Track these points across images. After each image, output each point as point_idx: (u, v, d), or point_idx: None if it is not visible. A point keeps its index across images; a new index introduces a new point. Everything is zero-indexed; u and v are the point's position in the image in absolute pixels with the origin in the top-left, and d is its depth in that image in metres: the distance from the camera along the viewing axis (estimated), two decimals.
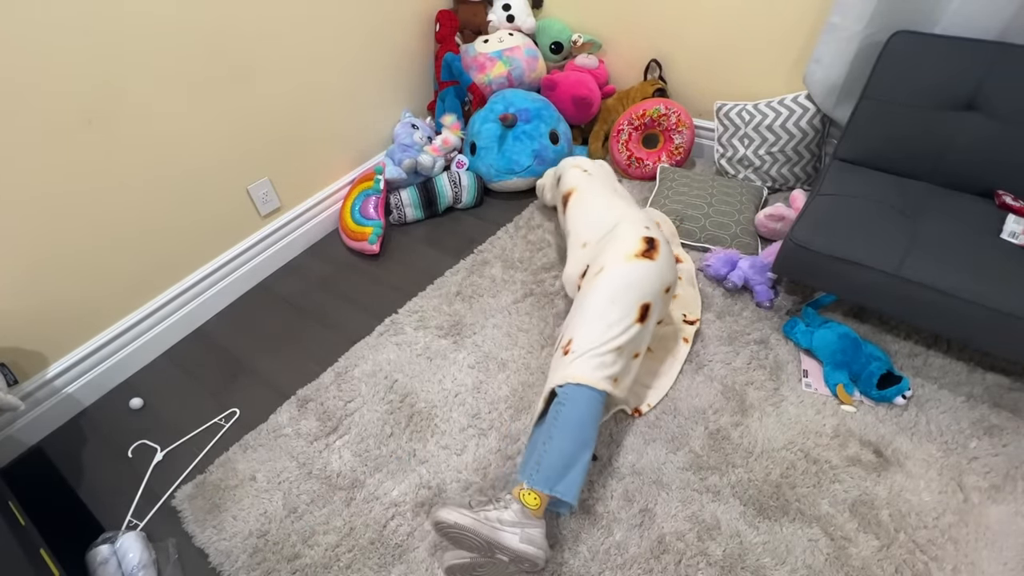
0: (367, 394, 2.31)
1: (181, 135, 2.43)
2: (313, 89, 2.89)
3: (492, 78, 3.36)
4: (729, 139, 3.06)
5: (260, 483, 2.07)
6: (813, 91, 2.72)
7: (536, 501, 1.67)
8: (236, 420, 2.31)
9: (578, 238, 2.25)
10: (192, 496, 2.06)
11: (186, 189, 2.53)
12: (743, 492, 1.91)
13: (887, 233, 2.11)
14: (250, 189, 2.78)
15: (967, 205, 2.21)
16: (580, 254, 2.19)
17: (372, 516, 1.93)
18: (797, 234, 2.19)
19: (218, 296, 2.80)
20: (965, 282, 1.93)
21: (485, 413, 2.20)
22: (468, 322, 2.56)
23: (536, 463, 1.70)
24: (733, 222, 2.77)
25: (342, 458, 2.11)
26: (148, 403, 2.42)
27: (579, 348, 1.83)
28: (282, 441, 2.19)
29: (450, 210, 3.30)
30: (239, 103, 2.59)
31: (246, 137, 2.68)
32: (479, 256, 2.91)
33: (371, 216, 3.03)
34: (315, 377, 2.41)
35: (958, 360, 2.23)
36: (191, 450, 2.22)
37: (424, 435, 2.15)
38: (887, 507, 1.84)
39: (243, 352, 2.59)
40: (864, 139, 2.43)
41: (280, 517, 1.97)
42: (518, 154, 3.13)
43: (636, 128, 3.23)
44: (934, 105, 2.26)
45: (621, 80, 3.56)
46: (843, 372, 2.15)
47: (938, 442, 2.00)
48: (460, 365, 2.38)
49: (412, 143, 3.21)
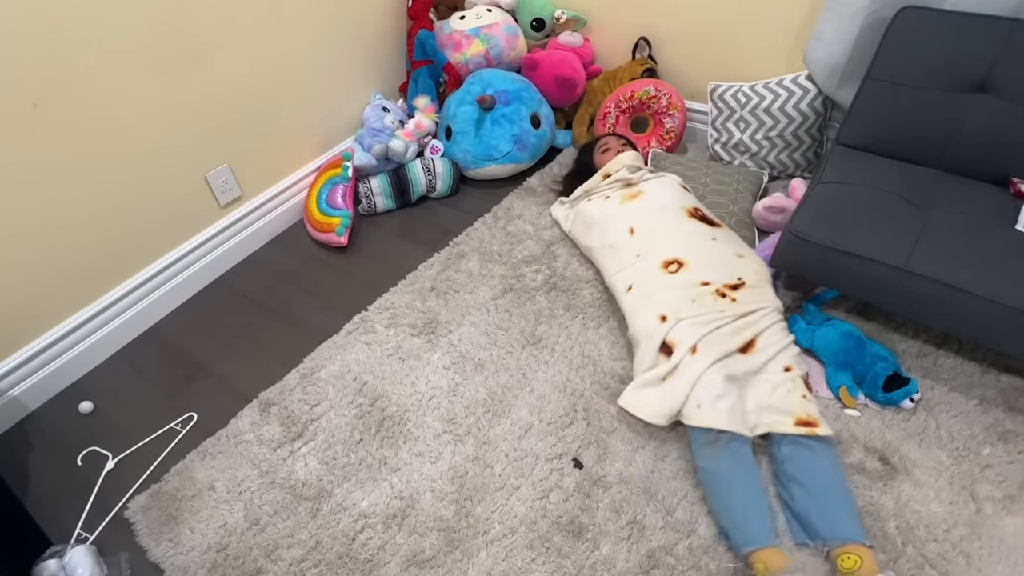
0: (334, 397, 2.30)
1: (133, 119, 2.42)
2: (275, 69, 2.88)
3: (469, 57, 3.34)
4: (724, 123, 3.05)
5: (219, 493, 2.06)
6: (814, 71, 2.70)
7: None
8: (193, 425, 2.30)
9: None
10: (146, 507, 2.05)
11: (139, 177, 2.52)
12: None
13: (893, 224, 2.09)
14: (208, 177, 2.77)
15: (979, 193, 2.19)
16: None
17: (340, 528, 1.93)
18: (797, 225, 2.17)
19: (174, 292, 2.79)
20: (978, 276, 1.90)
21: (461, 418, 2.19)
22: (443, 320, 2.56)
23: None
24: (728, 213, 2.76)
25: (308, 466, 2.10)
26: (98, 407, 2.41)
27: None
28: (243, 448, 2.18)
29: (424, 199, 3.29)
30: (196, 85, 2.58)
31: (203, 121, 2.66)
32: (455, 249, 2.90)
33: (338, 206, 3.01)
34: (278, 379, 2.40)
35: (970, 360, 2.21)
36: (145, 457, 2.21)
37: (396, 441, 2.15)
38: (894, 518, 1.82)
39: (201, 352, 2.58)
40: (869, 123, 2.41)
41: (241, 529, 1.96)
42: (497, 139, 3.13)
43: (624, 111, 3.21)
44: (944, 86, 2.24)
45: (607, 59, 3.53)
46: (846, 373, 2.14)
47: (948, 449, 1.98)
48: (434, 366, 2.38)
49: (383, 127, 3.18)
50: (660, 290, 2.19)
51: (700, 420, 1.86)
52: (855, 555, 1.62)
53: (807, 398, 1.91)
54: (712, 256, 2.25)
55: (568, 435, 2.11)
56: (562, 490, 1.96)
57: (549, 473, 2.01)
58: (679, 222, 2.41)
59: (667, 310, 2.11)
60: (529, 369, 2.33)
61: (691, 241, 2.32)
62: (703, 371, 1.92)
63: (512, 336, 2.46)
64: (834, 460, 1.83)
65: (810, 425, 1.83)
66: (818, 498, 1.74)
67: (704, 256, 2.25)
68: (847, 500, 1.76)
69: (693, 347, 1.98)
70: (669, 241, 2.34)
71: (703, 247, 2.29)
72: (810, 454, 1.82)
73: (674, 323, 2.06)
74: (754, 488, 1.80)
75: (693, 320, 2.05)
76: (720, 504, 1.81)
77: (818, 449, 1.82)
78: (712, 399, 1.87)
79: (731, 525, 1.76)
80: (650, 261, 2.30)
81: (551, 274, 2.70)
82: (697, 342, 1.99)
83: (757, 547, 1.68)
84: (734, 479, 1.81)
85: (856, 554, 1.62)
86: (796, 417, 1.85)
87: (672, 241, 2.33)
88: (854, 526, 1.70)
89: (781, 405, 1.89)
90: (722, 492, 1.81)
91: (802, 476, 1.79)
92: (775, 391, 1.92)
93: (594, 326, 2.46)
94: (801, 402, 1.89)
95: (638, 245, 2.40)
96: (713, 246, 2.29)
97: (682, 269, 2.22)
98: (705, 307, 2.08)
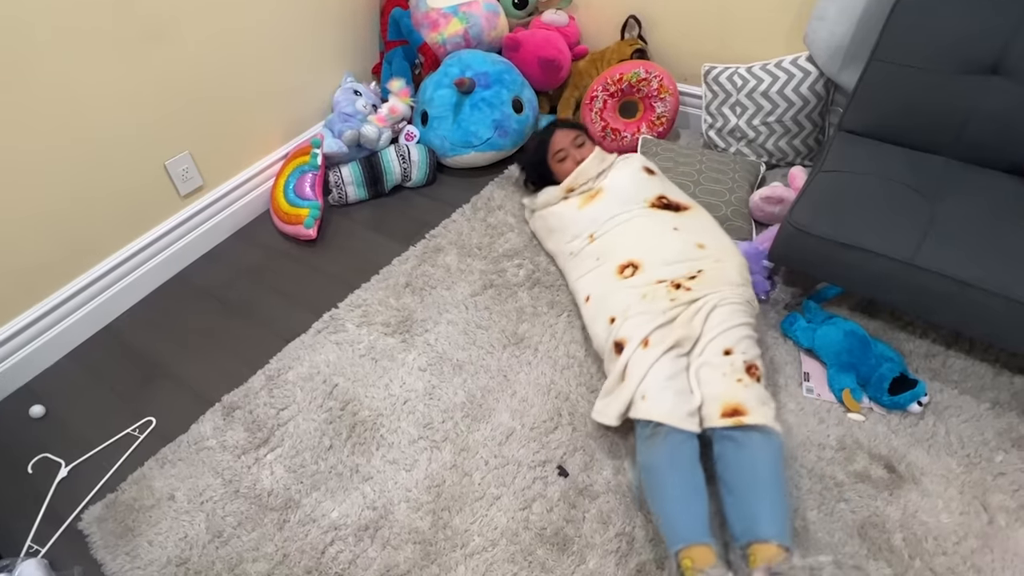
0: (303, 401, 2.29)
1: (86, 102, 2.39)
2: (240, 49, 2.86)
3: (446, 37, 3.32)
4: (719, 107, 3.04)
5: (180, 503, 2.04)
6: (815, 52, 2.71)
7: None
8: (152, 430, 2.28)
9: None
10: (101, 518, 2.03)
11: (92, 165, 2.49)
12: None
13: (900, 215, 2.09)
14: (167, 165, 2.75)
15: (992, 183, 2.19)
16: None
17: (308, 541, 1.92)
18: (797, 216, 2.17)
19: (131, 289, 2.76)
20: (990, 271, 1.90)
21: (439, 423, 2.18)
22: (419, 318, 2.55)
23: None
24: (724, 203, 2.76)
25: (274, 474, 2.09)
26: (51, 411, 2.39)
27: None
28: (205, 455, 2.17)
29: (398, 189, 3.29)
30: (155, 65, 2.56)
31: (163, 105, 2.64)
32: (431, 242, 2.90)
33: (307, 196, 3.00)
34: (243, 381, 2.39)
35: (982, 361, 2.22)
36: (100, 465, 2.19)
37: (368, 448, 2.14)
38: (900, 530, 1.82)
39: (160, 353, 2.56)
40: (873, 107, 2.40)
41: (203, 542, 1.94)
42: (476, 125, 3.12)
43: (612, 95, 3.20)
44: (954, 68, 2.23)
45: (595, 39, 3.54)
46: (850, 375, 2.14)
47: (959, 455, 1.98)
48: (410, 367, 2.37)
49: (354, 112, 3.17)
50: (612, 294, 2.20)
51: (643, 412, 1.86)
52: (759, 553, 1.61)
53: (742, 382, 1.85)
54: (670, 251, 2.24)
55: (552, 441, 2.10)
56: (546, 500, 1.95)
57: (532, 482, 2.00)
58: (639, 218, 2.41)
59: (616, 311, 2.13)
60: (511, 370, 2.32)
61: (648, 238, 2.32)
62: (654, 362, 1.92)
63: (492, 335, 2.45)
64: (767, 455, 1.75)
65: (737, 414, 1.77)
66: (739, 497, 1.72)
67: (661, 253, 2.24)
68: (770, 497, 1.70)
69: (645, 340, 1.98)
70: (625, 242, 2.34)
71: (661, 242, 2.28)
72: (735, 449, 1.77)
73: (623, 321, 2.07)
74: (690, 484, 1.76)
75: (643, 315, 2.05)
76: (655, 500, 1.78)
77: (746, 443, 1.76)
78: (657, 390, 1.87)
79: (664, 521, 1.73)
80: (607, 267, 2.31)
81: (534, 269, 2.69)
82: (648, 335, 1.98)
83: (686, 544, 1.65)
84: (669, 474, 1.78)
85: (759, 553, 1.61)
86: (723, 406, 1.81)
87: (628, 242, 2.34)
88: (769, 525, 1.65)
89: (713, 394, 1.85)
90: (657, 488, 1.78)
91: (727, 475, 1.76)
92: (713, 378, 1.89)
93: (580, 325, 2.46)
94: (733, 387, 1.84)
95: (597, 249, 2.41)
96: (673, 239, 2.28)
97: (637, 272, 2.22)
98: (656, 300, 2.09)
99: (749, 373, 1.88)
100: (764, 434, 1.76)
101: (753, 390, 1.83)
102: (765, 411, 1.79)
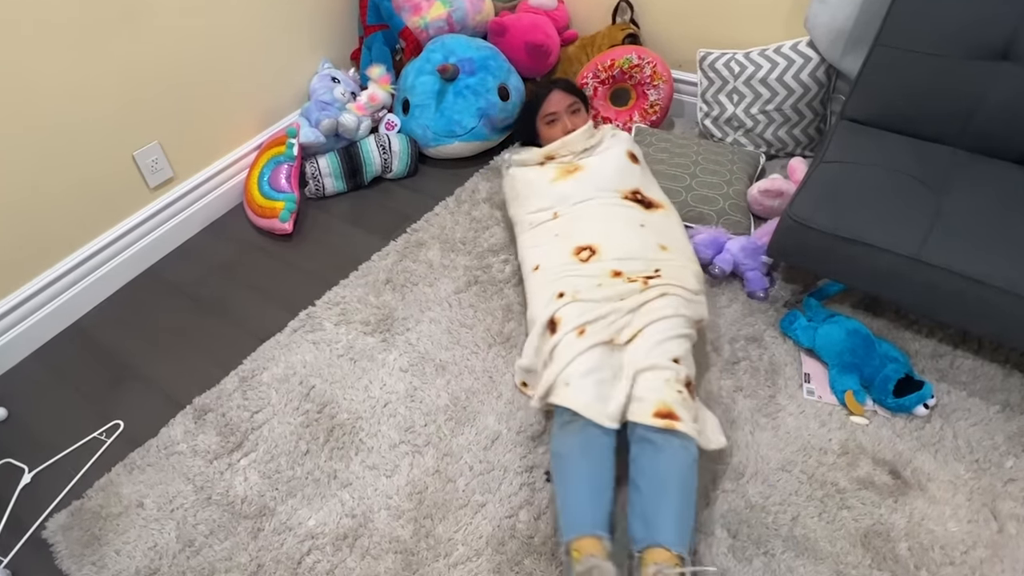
0: (278, 403, 2.28)
1: (50, 89, 2.37)
2: (211, 33, 2.85)
3: (429, 21, 3.31)
4: (715, 95, 3.04)
5: (149, 511, 2.03)
6: (816, 37, 2.71)
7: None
8: (120, 434, 2.27)
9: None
10: (67, 526, 2.02)
11: (57, 155, 2.47)
12: (732, 521, 1.88)
13: (905, 208, 2.08)
14: (136, 156, 2.73)
15: (1001, 173, 2.19)
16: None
17: (284, 551, 1.90)
18: (797, 209, 2.16)
19: (98, 285, 2.75)
20: (999, 267, 1.89)
21: (421, 426, 2.17)
22: (400, 316, 2.54)
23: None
24: (721, 195, 2.76)
25: (248, 481, 2.08)
26: (13, 414, 2.38)
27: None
28: (175, 460, 2.15)
29: (378, 181, 3.28)
30: (122, 49, 2.54)
31: (131, 92, 2.63)
32: (413, 236, 2.90)
33: (283, 188, 2.99)
34: (215, 383, 2.37)
35: (991, 362, 2.21)
36: (65, 471, 2.18)
37: (347, 453, 2.12)
38: (906, 539, 1.81)
39: (129, 352, 2.55)
40: (877, 95, 2.40)
41: (173, 552, 1.93)
42: (460, 113, 3.11)
43: (603, 82, 3.20)
44: (962, 53, 2.23)
45: (584, 24, 3.54)
46: (852, 376, 2.13)
47: (967, 461, 1.97)
48: (390, 368, 2.36)
49: (332, 100, 3.17)
50: (567, 275, 2.20)
51: (562, 399, 1.87)
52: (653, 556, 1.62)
53: (683, 394, 1.85)
54: (631, 246, 2.24)
55: (540, 445, 2.10)
56: (533, 507, 1.94)
57: (519, 488, 1.99)
58: (608, 206, 2.41)
59: (567, 288, 2.13)
60: (496, 371, 2.31)
61: (613, 228, 2.32)
62: (583, 351, 1.93)
63: (477, 334, 2.45)
64: (681, 463, 1.77)
65: (671, 419, 1.78)
66: (646, 500, 1.74)
67: (622, 245, 2.24)
68: (677, 506, 1.72)
69: (581, 328, 1.99)
70: (589, 227, 2.34)
71: (625, 236, 2.28)
72: (654, 452, 1.78)
73: (569, 300, 2.08)
74: (597, 479, 1.79)
75: (590, 303, 2.06)
76: (559, 487, 1.81)
77: (664, 448, 1.78)
78: (580, 380, 1.88)
79: (563, 510, 1.76)
80: (565, 244, 2.31)
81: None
82: (586, 324, 2.00)
83: (578, 535, 1.67)
84: (579, 465, 1.80)
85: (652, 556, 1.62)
86: (659, 406, 1.81)
87: (592, 227, 2.33)
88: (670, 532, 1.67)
89: (651, 395, 1.85)
90: (564, 476, 1.81)
91: (638, 478, 1.77)
92: (655, 382, 1.88)
93: None
94: (674, 395, 1.84)
95: (559, 226, 2.40)
96: (637, 235, 2.28)
97: (594, 257, 2.22)
98: (609, 289, 2.09)
99: (688, 388, 1.89)
100: (683, 444, 1.78)
101: (689, 408, 1.85)
102: (695, 427, 1.81)
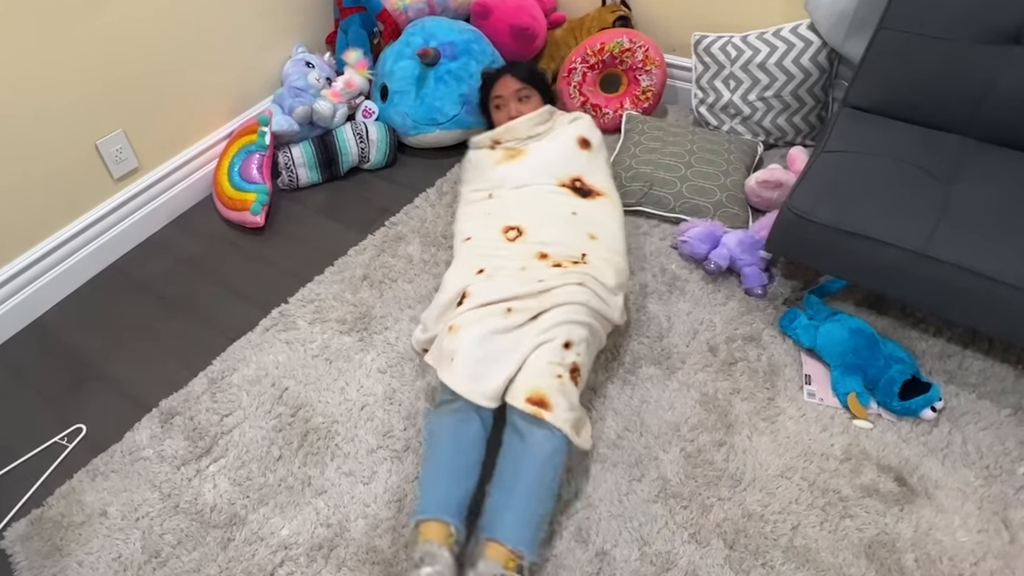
0: (249, 406, 2.27)
1: (7, 75, 2.36)
2: (179, 17, 2.83)
3: (408, 3, 3.30)
4: (710, 81, 3.05)
5: (113, 519, 2.01)
6: (817, 19, 2.71)
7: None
8: (83, 439, 2.26)
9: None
10: (26, 536, 2.00)
11: (15, 144, 2.46)
12: (729, 531, 1.87)
13: (911, 200, 2.08)
14: (99, 144, 2.72)
15: (1012, 163, 2.17)
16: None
17: (256, 562, 1.89)
18: (796, 202, 2.15)
19: (59, 281, 2.74)
20: (1011, 262, 1.88)
21: (400, 430, 2.17)
22: (378, 314, 2.54)
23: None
24: (717, 187, 2.76)
25: (217, 488, 2.07)
26: None
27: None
28: (141, 466, 2.14)
29: (355, 171, 3.28)
30: (84, 32, 2.52)
31: (93, 77, 2.61)
32: (392, 230, 2.90)
33: (254, 179, 2.97)
34: (183, 384, 2.37)
35: (1002, 363, 2.21)
36: (25, 477, 2.16)
37: (322, 458, 2.11)
38: (912, 550, 1.81)
39: (91, 352, 2.54)
40: (882, 81, 2.39)
41: (139, 563, 1.91)
42: (442, 100, 3.10)
43: (592, 67, 3.20)
44: (972, 37, 2.22)
45: (573, 5, 3.54)
46: (856, 378, 2.13)
47: (977, 467, 1.97)
48: (368, 369, 2.36)
49: (306, 86, 3.15)
50: (493, 255, 2.26)
51: (445, 376, 1.92)
52: (491, 551, 1.69)
53: (562, 379, 1.88)
54: (557, 232, 2.30)
55: None
56: None
57: None
58: (541, 194, 2.46)
59: (488, 267, 2.20)
60: None
61: (541, 213, 2.39)
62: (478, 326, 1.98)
63: None
64: (540, 458, 1.80)
65: (541, 406, 1.81)
66: (500, 490, 1.80)
67: (548, 230, 2.31)
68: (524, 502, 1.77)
69: (485, 304, 2.05)
70: (517, 211, 2.41)
71: (552, 222, 2.34)
72: (518, 441, 1.83)
73: (486, 279, 2.15)
74: (462, 464, 1.85)
75: (507, 283, 2.11)
76: (423, 466, 1.90)
77: (527, 438, 1.82)
78: (466, 356, 1.93)
79: (420, 489, 1.86)
80: (494, 221, 2.39)
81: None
82: (493, 302, 2.05)
83: (428, 517, 1.74)
84: (444, 446, 1.88)
85: (491, 551, 1.69)
86: (532, 391, 1.85)
87: (520, 212, 2.40)
88: (511, 528, 1.73)
89: (527, 379, 1.89)
90: (429, 456, 1.89)
91: (501, 466, 1.85)
92: (539, 363, 1.92)
93: None
94: (551, 381, 1.87)
95: (491, 206, 2.48)
96: (565, 222, 2.34)
97: (520, 237, 2.29)
98: (529, 276, 2.14)
99: (572, 374, 1.92)
100: (547, 435, 1.81)
101: (568, 394, 1.88)
102: (567, 417, 1.83)
